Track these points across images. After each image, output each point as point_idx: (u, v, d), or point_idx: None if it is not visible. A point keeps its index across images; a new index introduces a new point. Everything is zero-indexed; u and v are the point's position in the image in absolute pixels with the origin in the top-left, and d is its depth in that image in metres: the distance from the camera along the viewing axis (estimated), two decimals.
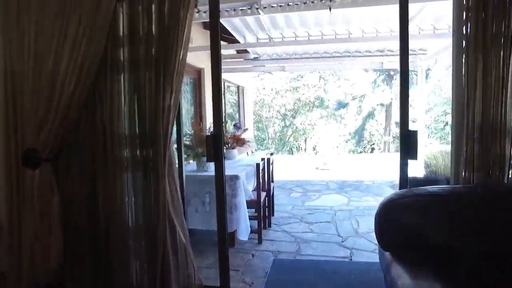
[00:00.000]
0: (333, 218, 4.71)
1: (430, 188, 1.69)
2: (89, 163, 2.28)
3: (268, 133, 20.69)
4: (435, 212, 1.57)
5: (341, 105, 24.41)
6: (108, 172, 2.27)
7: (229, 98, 9.25)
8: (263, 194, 4.12)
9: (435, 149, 7.37)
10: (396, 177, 6.57)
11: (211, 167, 3.86)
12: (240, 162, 4.50)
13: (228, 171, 3.83)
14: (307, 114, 19.69)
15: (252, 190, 4.04)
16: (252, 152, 9.40)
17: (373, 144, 29.20)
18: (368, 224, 4.39)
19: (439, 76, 15.80)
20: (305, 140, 24.23)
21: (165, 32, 2.10)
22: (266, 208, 4.37)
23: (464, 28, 1.98)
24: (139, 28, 2.15)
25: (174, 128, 2.46)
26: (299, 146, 24.82)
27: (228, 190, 3.57)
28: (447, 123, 13.47)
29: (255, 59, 6.55)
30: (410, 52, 5.69)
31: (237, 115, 9.43)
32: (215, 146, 2.45)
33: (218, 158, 2.44)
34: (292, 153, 24.40)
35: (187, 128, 5.28)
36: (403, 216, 1.61)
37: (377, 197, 5.84)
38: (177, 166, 2.51)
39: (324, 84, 20.47)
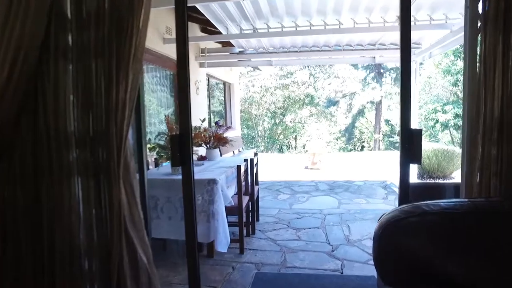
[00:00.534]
0: (323, 223, 4.35)
1: (443, 202, 1.32)
2: (31, 167, 1.86)
3: (257, 131, 20.33)
4: (452, 235, 1.20)
5: (331, 102, 24.15)
6: (53, 178, 1.85)
7: (218, 96, 8.83)
8: (246, 199, 3.73)
9: (427, 147, 7.08)
10: (388, 177, 6.22)
11: None
12: (221, 163, 4.10)
13: (205, 174, 3.44)
14: (297, 112, 19.37)
15: (234, 195, 3.66)
16: (239, 151, 9.01)
17: (363, 142, 29.09)
18: (360, 230, 4.04)
19: (428, 73, 15.61)
20: (295, 138, 23.94)
21: (118, 9, 1.69)
22: (250, 214, 3.99)
23: (480, 3, 1.62)
24: (88, 5, 1.74)
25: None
26: (289, 144, 24.50)
27: (204, 196, 3.17)
28: (437, 121, 13.26)
29: (240, 53, 6.15)
30: None
31: (226, 113, 9.02)
32: (181, 147, 2.05)
33: (184, 161, 2.05)
34: (282, 151, 24.09)
35: (164, 127, 4.87)
36: (410, 241, 1.24)
37: (368, 198, 5.51)
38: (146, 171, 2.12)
39: (314, 82, 20.16)
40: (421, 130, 1.87)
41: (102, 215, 1.81)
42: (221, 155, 7.03)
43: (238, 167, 3.39)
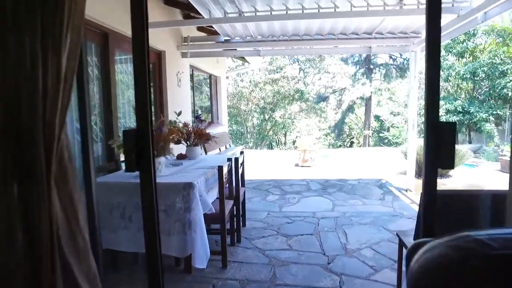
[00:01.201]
0: (316, 228, 3.90)
1: (504, 233, 0.86)
2: None
3: (246, 127, 19.83)
4: None
5: (321, 98, 23.79)
6: None
7: (208, 91, 8.30)
8: (230, 204, 3.25)
9: (421, 143, 6.72)
10: (382, 175, 5.78)
11: (160, 169, 2.96)
12: (202, 163, 3.61)
13: (182, 177, 2.94)
14: (286, 107, 18.92)
15: (216, 199, 3.17)
16: (226, 147, 8.51)
17: (352, 138, 28.88)
18: (358, 237, 3.60)
19: (419, 68, 15.34)
20: (285, 134, 23.52)
21: None
22: (235, 219, 3.51)
23: None
24: None
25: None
26: (278, 140, 24.08)
27: (179, 203, 2.68)
28: None
29: (226, 41, 5.63)
30: (401, 35, 4.79)
31: (213, 108, 8.48)
32: (139, 147, 1.55)
33: (143, 165, 1.56)
34: (272, 148, 23.66)
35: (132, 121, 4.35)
36: None
37: (364, 199, 5.09)
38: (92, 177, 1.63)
39: (304, 77, 19.73)
40: (455, 123, 1.41)
41: (25, 233, 1.31)
42: (206, 152, 6.52)
43: (220, 168, 2.90)
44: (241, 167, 3.90)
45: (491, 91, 12.60)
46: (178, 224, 2.69)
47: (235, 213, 3.49)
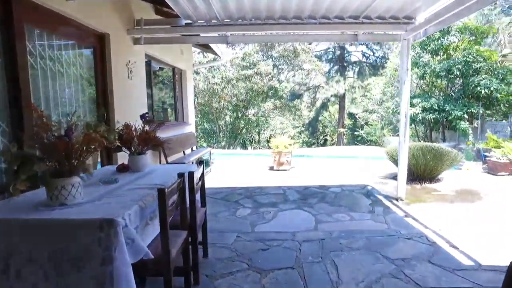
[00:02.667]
0: (298, 258, 3.02)
1: None
2: None
3: (219, 126, 18.77)
4: None
5: (295, 96, 23.12)
6: None
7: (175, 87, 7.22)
8: (180, 238, 2.29)
9: (411, 145, 6.03)
10: (366, 179, 4.97)
11: (74, 194, 1.96)
12: (146, 179, 2.63)
13: (104, 207, 1.94)
14: (260, 105, 18.04)
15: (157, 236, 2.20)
16: (192, 150, 7.51)
17: (326, 135, 28.49)
18: (351, 270, 2.75)
19: (395, 65, 14.88)
20: (259, 133, 22.67)
21: None
22: (191, 253, 2.56)
23: None
24: None
25: None
26: (252, 139, 23.19)
27: (96, 250, 1.70)
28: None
29: (187, 25, 4.64)
30: (390, 20, 3.93)
31: (177, 106, 7.44)
32: None
33: None
34: (245, 147, 22.75)
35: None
36: None
37: (352, 212, 4.27)
38: None
39: (278, 74, 18.92)
40: None
41: None
42: (165, 158, 5.50)
43: (161, 192, 1.94)
44: (200, 180, 2.95)
45: (465, 89, 12.30)
46: (93, 283, 1.71)
47: (191, 246, 2.54)
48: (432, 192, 5.16)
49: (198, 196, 2.95)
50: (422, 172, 5.50)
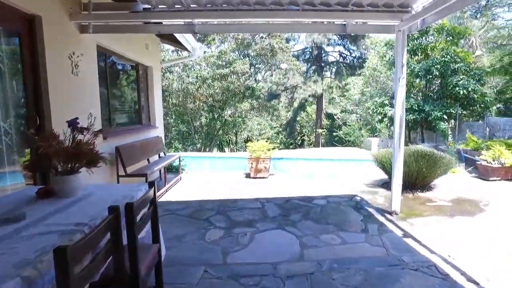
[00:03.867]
0: None
1: None
2: None
3: (194, 127, 17.80)
4: None
5: (273, 96, 22.50)
6: None
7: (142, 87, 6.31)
8: None
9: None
10: (352, 187, 4.19)
11: None
12: (70, 213, 1.83)
13: None
14: (236, 105, 17.26)
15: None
16: (160, 156, 6.66)
17: (304, 136, 28.08)
18: None
19: (373, 64, 14.52)
20: (236, 134, 21.88)
21: None
22: None
23: None
24: None
25: None
26: (229, 140, 22.37)
27: None
28: (385, 115, 12.10)
29: (145, 11, 3.82)
30: (383, 8, 3.23)
31: (141, 107, 6.56)
32: None
33: None
34: (222, 148, 21.90)
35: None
36: None
37: (342, 232, 3.59)
38: None
39: (255, 73, 18.20)
40: None
41: None
42: (124, 168, 4.65)
43: (58, 254, 1.15)
44: (151, 206, 2.16)
45: (443, 89, 12.04)
46: None
47: None
48: (426, 202, 4.59)
49: (146, 231, 2.17)
50: (414, 180, 4.93)
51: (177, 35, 6.08)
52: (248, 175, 6.46)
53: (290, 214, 4.21)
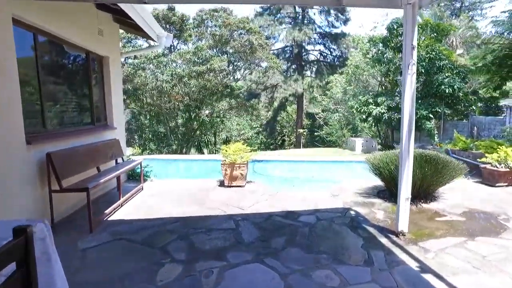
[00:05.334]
0: None
1: None
2: None
3: (169, 128, 16.57)
4: None
5: (253, 95, 21.58)
6: None
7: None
8: None
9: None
10: (342, 197, 3.31)
11: None
12: None
13: None
14: (214, 105, 16.21)
15: None
16: (117, 162, 5.58)
17: (284, 136, 27.30)
18: None
19: (356, 62, 13.83)
20: (214, 134, 20.82)
21: None
22: None
23: None
24: None
25: None
26: (208, 141, 21.28)
27: None
28: (369, 114, 11.40)
29: None
30: None
31: (93, 104, 5.46)
32: None
33: None
34: (201, 150, 20.78)
35: None
36: None
37: (340, 266, 2.66)
38: None
39: (233, 71, 17.20)
40: None
41: None
42: (58, 183, 3.57)
43: None
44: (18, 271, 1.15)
45: (429, 88, 11.45)
46: None
47: None
48: (435, 217, 3.75)
49: None
50: (418, 189, 4.10)
51: (137, 20, 5.01)
52: (221, 184, 5.47)
53: (272, 237, 3.27)
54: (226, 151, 5.38)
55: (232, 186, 5.30)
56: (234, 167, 5.22)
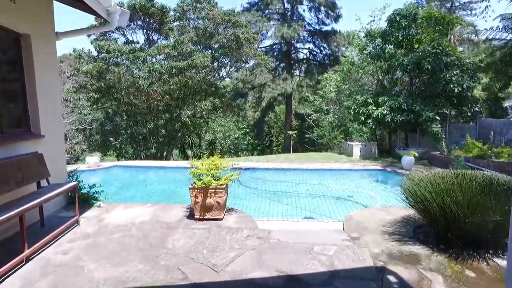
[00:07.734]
0: None
1: None
2: None
3: (148, 129, 14.73)
4: None
5: (239, 94, 19.93)
6: None
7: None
8: None
9: (436, 171, 3.14)
10: (365, 239, 1.72)
11: None
12: None
13: None
14: (196, 104, 14.49)
15: None
16: (40, 187, 3.88)
17: (272, 136, 25.73)
18: None
19: (352, 58, 12.36)
20: (199, 136, 19.11)
21: None
22: None
23: None
24: None
25: None
26: (192, 143, 19.54)
27: None
28: (368, 116, 9.91)
29: None
30: None
31: (11, 101, 3.73)
32: None
33: None
34: (185, 153, 19.04)
35: None
36: None
37: None
38: None
39: (218, 68, 15.50)
40: None
41: None
42: None
43: None
44: None
45: (434, 86, 10.04)
46: None
47: None
48: None
49: None
50: (473, 232, 2.56)
51: None
52: (191, 214, 3.83)
53: None
54: (195, 168, 3.73)
55: (205, 219, 3.66)
56: (207, 192, 3.58)
